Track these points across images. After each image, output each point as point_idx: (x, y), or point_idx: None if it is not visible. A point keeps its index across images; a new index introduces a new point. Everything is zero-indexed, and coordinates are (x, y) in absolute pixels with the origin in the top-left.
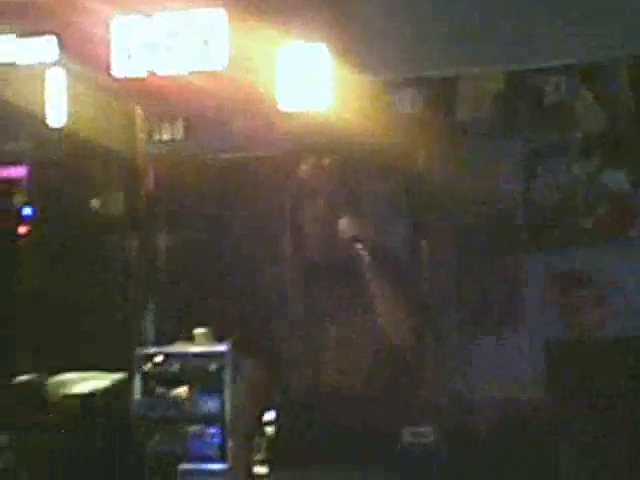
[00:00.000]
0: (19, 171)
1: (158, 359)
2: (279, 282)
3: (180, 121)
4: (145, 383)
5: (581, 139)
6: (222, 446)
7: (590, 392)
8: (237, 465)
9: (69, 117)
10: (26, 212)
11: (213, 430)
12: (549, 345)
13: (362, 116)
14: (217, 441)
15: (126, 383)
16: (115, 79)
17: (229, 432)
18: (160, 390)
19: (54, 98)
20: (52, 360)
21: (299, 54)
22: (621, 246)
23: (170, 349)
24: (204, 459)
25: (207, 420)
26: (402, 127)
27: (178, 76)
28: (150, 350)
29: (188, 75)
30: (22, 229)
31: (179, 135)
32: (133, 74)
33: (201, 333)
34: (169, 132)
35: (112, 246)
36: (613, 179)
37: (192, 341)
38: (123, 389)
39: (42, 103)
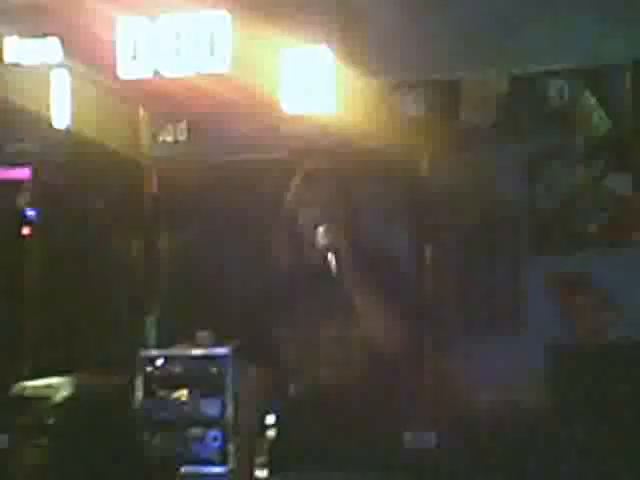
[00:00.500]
0: (23, 172)
1: (159, 361)
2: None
3: (184, 123)
4: (147, 385)
5: (585, 143)
6: (223, 449)
7: (593, 396)
8: (239, 468)
9: (73, 118)
10: (29, 213)
11: (214, 433)
12: (551, 349)
13: (366, 119)
14: (218, 444)
15: (128, 385)
16: (119, 80)
17: (230, 435)
18: (162, 393)
19: (58, 99)
20: (53, 361)
21: (303, 56)
22: (625, 250)
23: (172, 351)
24: (205, 462)
25: (208, 423)
26: (406, 130)
27: (182, 78)
28: (152, 352)
29: (192, 77)
30: (25, 230)
31: (183, 137)
32: (138, 75)
33: (203, 336)
34: (173, 134)
35: (115, 248)
36: (617, 183)
37: (194, 343)
38: (125, 391)
39: (46, 104)
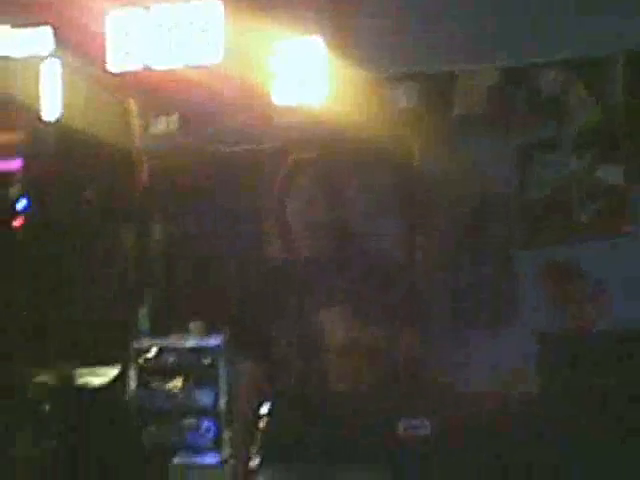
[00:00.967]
0: (14, 163)
1: (153, 352)
2: (274, 275)
3: (175, 114)
4: (140, 376)
5: (576, 134)
6: (216, 438)
7: (584, 385)
8: (233, 457)
9: (64, 110)
10: (21, 204)
11: (207, 422)
12: (543, 338)
13: (358, 110)
14: (211, 434)
15: (122, 375)
16: (111, 72)
17: (224, 425)
18: (155, 383)
19: (49, 90)
20: (48, 352)
21: (295, 48)
22: (616, 240)
23: (165, 342)
24: (199, 451)
25: (202, 412)
26: (398, 121)
27: (173, 69)
28: (145, 343)
29: (183, 68)
30: (17, 221)
31: (174, 128)
32: (129, 67)
33: (196, 326)
34: (164, 125)
35: (107, 239)
36: (608, 174)
37: (187, 334)
38: (119, 381)
39: (37, 95)
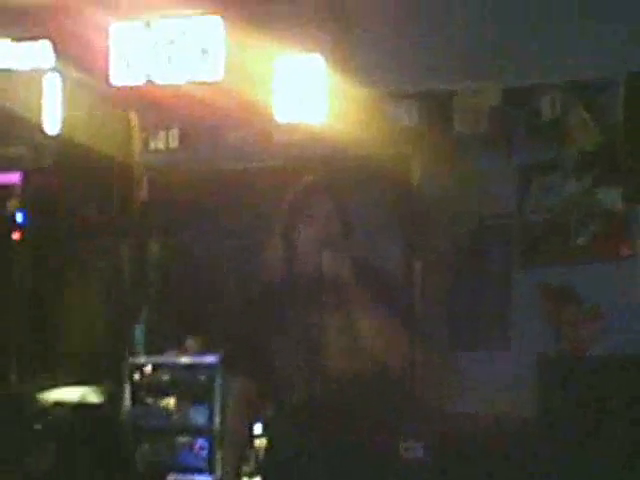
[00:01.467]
0: (13, 177)
1: (147, 369)
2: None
3: (176, 130)
4: (135, 393)
5: (576, 156)
6: (211, 458)
7: (582, 409)
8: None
9: (64, 123)
10: (20, 218)
11: (202, 441)
12: (541, 361)
13: (359, 128)
14: (206, 453)
15: (116, 393)
16: (112, 86)
17: (218, 443)
18: (150, 400)
19: (50, 104)
20: (42, 368)
21: (296, 65)
22: (614, 263)
23: (160, 359)
24: (193, 470)
25: (196, 431)
26: (398, 139)
27: (175, 85)
28: (140, 360)
29: (185, 84)
30: (16, 235)
31: (174, 144)
32: (131, 82)
33: (191, 343)
34: (164, 141)
35: (105, 254)
36: (607, 197)
37: (182, 351)
38: (113, 399)
39: (38, 109)
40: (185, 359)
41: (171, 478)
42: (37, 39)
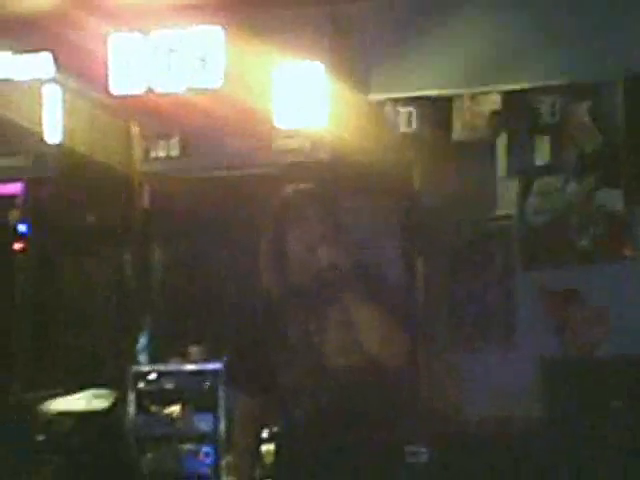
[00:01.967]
0: (15, 187)
1: (152, 377)
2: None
3: (176, 138)
4: (139, 401)
5: (577, 159)
6: (216, 465)
7: (587, 411)
8: None
9: (65, 133)
10: (22, 228)
11: (207, 448)
12: (544, 363)
13: (359, 134)
14: (211, 460)
15: (120, 400)
16: (112, 96)
17: (223, 451)
18: (154, 408)
19: (50, 114)
20: (46, 376)
21: (296, 72)
22: (617, 265)
23: (164, 367)
24: (198, 478)
25: (201, 438)
26: (398, 145)
27: (174, 94)
28: (144, 368)
29: (185, 93)
30: (18, 245)
31: (175, 152)
32: (130, 91)
33: (195, 351)
34: (165, 149)
35: (107, 263)
36: (608, 199)
37: (186, 359)
38: (117, 407)
39: (38, 119)
40: (189, 366)
41: None
42: (37, 50)
